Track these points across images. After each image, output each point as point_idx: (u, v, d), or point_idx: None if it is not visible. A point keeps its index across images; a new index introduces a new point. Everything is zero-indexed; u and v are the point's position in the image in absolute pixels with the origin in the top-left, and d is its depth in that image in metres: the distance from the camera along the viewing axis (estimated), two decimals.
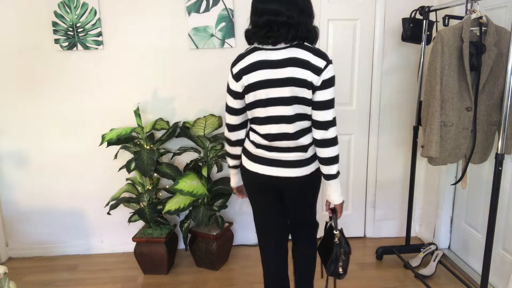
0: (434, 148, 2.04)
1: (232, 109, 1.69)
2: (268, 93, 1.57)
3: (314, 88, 1.54)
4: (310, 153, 1.65)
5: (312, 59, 1.52)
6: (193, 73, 2.70)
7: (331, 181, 1.65)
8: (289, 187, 1.71)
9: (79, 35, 2.58)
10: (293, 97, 1.55)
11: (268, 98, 1.57)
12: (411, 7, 2.56)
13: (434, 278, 2.46)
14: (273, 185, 1.72)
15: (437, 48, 1.98)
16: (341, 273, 1.75)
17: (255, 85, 1.57)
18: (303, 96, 1.54)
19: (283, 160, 1.65)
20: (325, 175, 1.64)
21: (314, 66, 1.52)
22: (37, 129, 2.72)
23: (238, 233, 2.96)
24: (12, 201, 2.82)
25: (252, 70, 1.57)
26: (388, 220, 3.03)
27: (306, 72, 1.52)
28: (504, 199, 2.20)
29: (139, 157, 2.41)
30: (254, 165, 1.70)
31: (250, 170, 1.72)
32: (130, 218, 2.58)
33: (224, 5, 2.58)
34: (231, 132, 1.75)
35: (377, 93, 2.80)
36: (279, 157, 1.64)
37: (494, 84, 2.04)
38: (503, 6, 2.18)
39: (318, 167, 1.69)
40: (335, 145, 1.60)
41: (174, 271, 2.65)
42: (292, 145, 1.62)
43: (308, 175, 1.67)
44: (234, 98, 1.66)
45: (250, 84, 1.58)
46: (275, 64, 1.54)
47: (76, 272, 2.67)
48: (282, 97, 1.56)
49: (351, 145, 2.88)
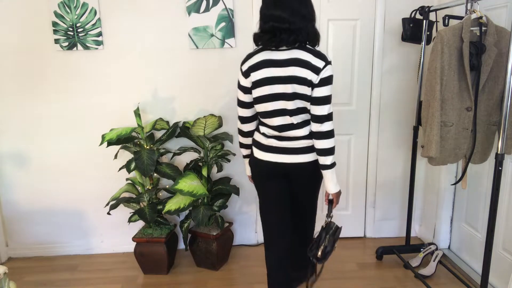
0: (434, 148, 2.04)
1: (242, 102, 1.87)
2: (273, 89, 1.73)
3: (313, 86, 1.69)
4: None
5: (312, 59, 1.68)
6: (193, 73, 2.70)
7: (326, 171, 1.80)
8: (297, 172, 1.86)
9: (79, 35, 2.58)
10: (295, 93, 1.71)
11: (272, 93, 1.74)
12: (411, 7, 2.56)
13: (434, 278, 2.46)
14: (284, 172, 1.87)
15: (437, 48, 1.98)
16: (319, 257, 1.82)
17: (261, 81, 1.74)
18: (303, 92, 1.70)
19: (291, 148, 1.82)
20: (320, 165, 1.80)
21: (314, 66, 1.67)
22: (37, 129, 2.72)
23: (238, 233, 2.96)
24: (12, 201, 2.82)
25: (259, 68, 1.74)
26: (388, 220, 3.04)
27: (306, 71, 1.67)
28: (504, 199, 2.20)
29: (139, 157, 2.41)
30: (266, 154, 1.86)
31: (262, 160, 1.87)
32: (130, 218, 2.58)
33: (224, 5, 2.58)
34: (243, 124, 1.93)
35: (377, 93, 2.80)
36: (288, 145, 1.82)
37: (494, 84, 2.04)
38: (503, 6, 2.18)
39: None
40: (330, 137, 1.75)
41: (174, 271, 2.65)
42: (297, 134, 1.79)
43: (314, 161, 1.82)
44: (244, 93, 1.83)
45: (257, 80, 1.75)
46: (279, 64, 1.71)
47: (76, 272, 2.67)
48: (285, 93, 1.72)
49: (351, 145, 2.88)
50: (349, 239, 3.00)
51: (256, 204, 2.91)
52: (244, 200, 2.92)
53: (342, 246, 2.90)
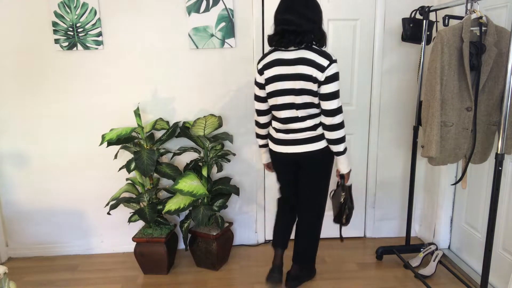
0: (434, 148, 2.04)
1: (259, 97, 2.15)
2: (283, 85, 1.99)
3: (319, 83, 1.92)
4: (319, 132, 2.05)
5: (317, 59, 1.90)
6: (193, 73, 2.70)
7: (339, 157, 2.08)
8: (306, 161, 2.12)
9: (79, 35, 2.58)
10: (302, 89, 1.95)
11: (282, 89, 2.00)
12: (411, 7, 2.56)
13: (434, 278, 2.46)
14: (294, 160, 2.15)
15: (437, 48, 1.98)
16: (343, 223, 2.21)
17: (272, 78, 2.01)
18: (310, 88, 1.94)
19: (297, 139, 2.07)
20: (334, 152, 2.07)
21: (318, 64, 1.90)
22: (37, 129, 2.72)
23: (238, 233, 2.96)
24: (12, 201, 2.82)
25: (271, 66, 2.01)
26: (388, 220, 3.04)
27: (311, 69, 1.90)
28: (504, 199, 2.20)
29: (139, 157, 2.41)
30: (277, 146, 2.15)
31: (275, 151, 2.18)
32: (130, 218, 2.58)
33: (224, 5, 2.58)
34: (259, 116, 2.21)
35: (377, 93, 2.80)
36: (294, 137, 2.07)
37: (494, 84, 2.04)
38: (503, 6, 2.18)
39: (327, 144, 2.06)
40: (341, 128, 2.00)
41: (174, 271, 2.65)
42: (302, 126, 2.04)
43: (320, 150, 2.07)
44: (259, 89, 2.12)
45: (269, 77, 2.02)
46: (288, 62, 1.96)
47: (76, 272, 2.67)
48: (293, 88, 1.97)
49: (351, 145, 2.88)
50: (349, 239, 2.99)
51: (256, 204, 2.93)
52: (244, 200, 2.92)
53: (342, 246, 2.90)
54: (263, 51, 2.68)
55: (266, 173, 2.89)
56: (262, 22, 2.64)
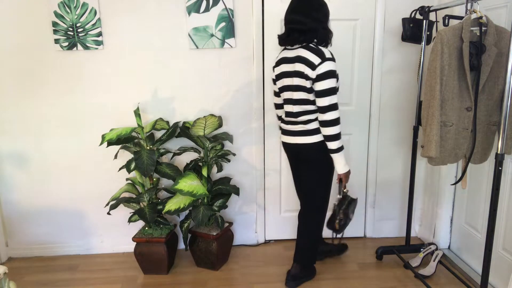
0: (434, 148, 2.04)
1: (275, 92, 2.37)
2: (284, 82, 2.16)
3: (312, 80, 2.01)
4: (311, 127, 2.12)
5: (310, 57, 2.00)
6: (193, 73, 2.70)
7: (334, 155, 2.10)
8: (300, 152, 2.22)
9: (79, 35, 2.58)
10: (297, 85, 2.08)
11: (285, 85, 2.16)
12: (411, 7, 2.56)
13: (434, 278, 2.46)
14: (293, 150, 2.28)
15: (437, 48, 1.98)
16: (337, 229, 2.25)
17: (279, 75, 2.19)
18: (303, 85, 2.05)
19: (292, 131, 2.20)
20: (328, 149, 2.10)
21: (310, 62, 1.99)
22: (37, 129, 2.72)
23: (238, 233, 2.96)
24: (12, 201, 2.82)
25: (279, 64, 2.18)
26: (388, 220, 3.04)
27: (304, 67, 2.02)
28: (504, 199, 2.20)
29: (139, 157, 2.41)
30: (283, 136, 2.30)
31: (282, 141, 2.33)
32: (130, 218, 2.58)
33: (224, 5, 2.58)
34: (277, 109, 2.45)
35: (377, 93, 2.80)
36: (290, 129, 2.21)
37: (494, 84, 2.04)
38: (503, 6, 2.18)
39: (323, 140, 2.11)
40: (333, 125, 2.03)
41: (174, 271, 2.65)
42: (296, 120, 2.16)
43: (313, 143, 2.13)
44: (274, 84, 2.31)
45: (277, 74, 2.21)
46: (289, 60, 2.10)
47: (76, 272, 2.67)
48: (291, 85, 2.11)
49: (351, 145, 2.88)
50: (349, 239, 2.99)
51: (256, 204, 2.93)
52: (244, 200, 2.92)
53: None
54: (263, 51, 2.68)
55: (266, 173, 2.90)
56: (262, 22, 2.64)
